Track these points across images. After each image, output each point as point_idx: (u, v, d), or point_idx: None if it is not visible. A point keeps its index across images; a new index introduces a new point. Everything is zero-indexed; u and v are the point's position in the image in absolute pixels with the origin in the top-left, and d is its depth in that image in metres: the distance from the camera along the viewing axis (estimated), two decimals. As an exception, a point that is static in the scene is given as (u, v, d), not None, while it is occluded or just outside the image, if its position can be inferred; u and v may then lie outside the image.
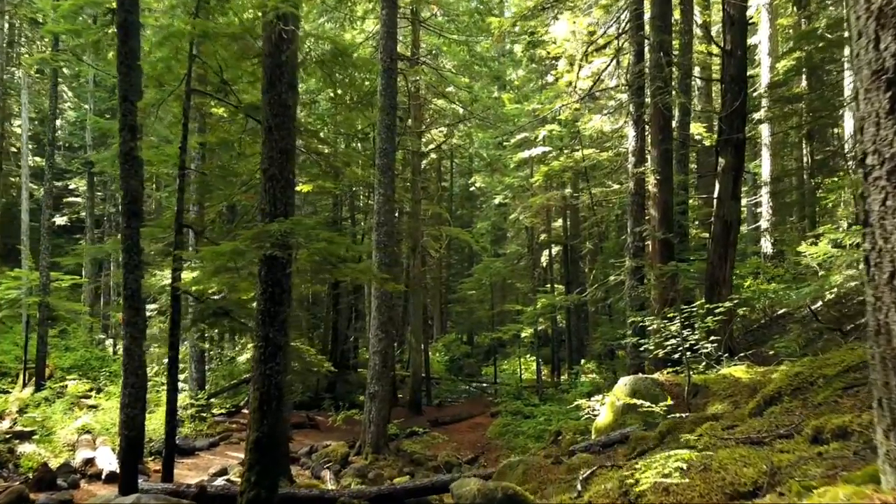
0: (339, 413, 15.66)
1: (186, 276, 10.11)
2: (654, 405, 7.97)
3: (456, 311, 33.49)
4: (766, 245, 21.28)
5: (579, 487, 5.23)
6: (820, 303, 12.94)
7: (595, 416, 9.24)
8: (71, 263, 21.22)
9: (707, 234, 19.53)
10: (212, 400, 18.64)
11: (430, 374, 24.51)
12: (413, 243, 21.30)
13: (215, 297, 9.58)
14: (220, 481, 10.03)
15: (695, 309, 8.09)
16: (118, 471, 11.17)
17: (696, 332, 8.32)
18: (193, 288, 8.50)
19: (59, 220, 31.57)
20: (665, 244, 12.18)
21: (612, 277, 14.02)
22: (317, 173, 11.44)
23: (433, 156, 28.94)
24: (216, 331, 21.05)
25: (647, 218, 13.03)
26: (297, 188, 10.37)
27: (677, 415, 7.00)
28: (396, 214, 25.13)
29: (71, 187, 33.68)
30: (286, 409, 18.32)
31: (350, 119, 14.97)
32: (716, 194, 12.33)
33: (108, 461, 11.15)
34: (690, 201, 18.08)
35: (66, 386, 18.84)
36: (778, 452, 3.66)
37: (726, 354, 9.14)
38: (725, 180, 11.93)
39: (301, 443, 15.90)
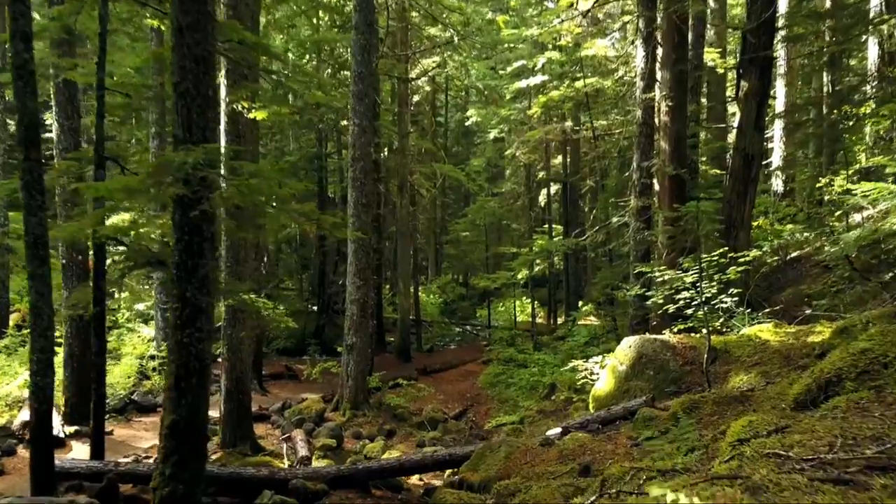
0: (315, 366, 14.52)
1: (118, 218, 8.72)
2: (663, 372, 6.73)
3: (449, 253, 32.15)
4: (777, 183, 19.80)
5: None
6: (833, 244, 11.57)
7: (593, 380, 8.01)
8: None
9: (718, 171, 18.05)
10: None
11: (420, 319, 23.43)
12: (400, 181, 19.79)
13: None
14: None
15: (715, 258, 6.73)
16: (62, 435, 10.11)
17: (713, 283, 7.00)
18: (131, 233, 7.07)
19: None
20: (676, 181, 10.72)
21: (614, 219, 12.61)
22: (281, 98, 9.86)
23: (427, 88, 27.07)
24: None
25: (655, 152, 11.53)
26: (251, 116, 8.83)
27: (694, 390, 5.74)
28: (386, 151, 23.57)
29: None
30: (267, 355, 17.33)
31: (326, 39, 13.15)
32: (736, 123, 10.81)
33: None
34: (701, 134, 16.50)
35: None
36: None
37: (748, 310, 7.83)
38: (748, 107, 10.38)
39: (277, 396, 14.83)
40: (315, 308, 25.49)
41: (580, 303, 24.25)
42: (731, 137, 19.46)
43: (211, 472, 6.89)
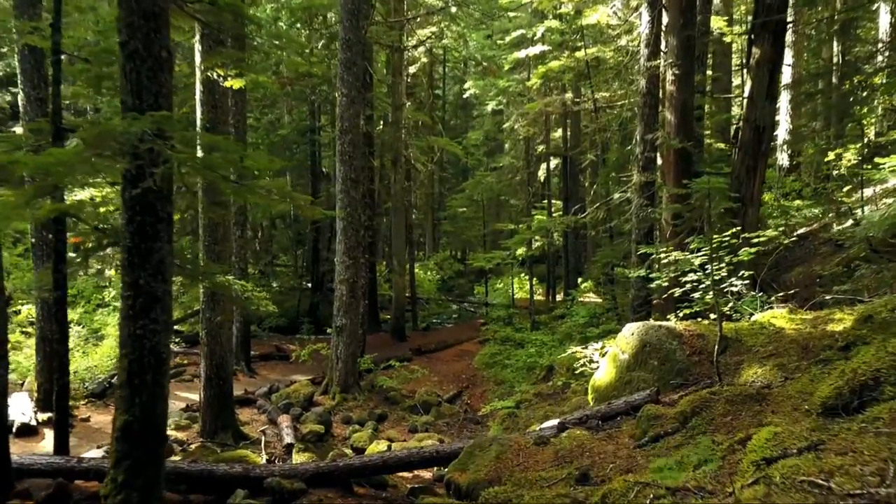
0: (305, 347, 14.03)
1: (86, 193, 8.14)
2: (669, 361, 6.20)
3: (446, 230, 31.53)
4: (783, 158, 19.16)
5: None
6: (853, 223, 11.02)
7: (593, 369, 7.50)
8: None
9: (722, 146, 17.38)
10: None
11: (416, 297, 22.93)
12: (395, 155, 19.12)
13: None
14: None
15: (726, 239, 6.16)
16: (34, 423, 9.64)
17: (722, 266, 6.44)
18: (86, 210, 6.49)
19: None
20: (682, 155, 10.11)
21: (616, 195, 11.98)
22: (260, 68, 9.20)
23: (423, 60, 26.21)
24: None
25: (660, 124, 10.90)
26: (227, 84, 8.20)
27: (703, 383, 5.23)
28: (382, 124, 22.82)
29: None
30: (261, 334, 16.90)
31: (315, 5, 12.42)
32: (746, 93, 10.16)
33: (21, 411, 9.54)
34: (706, 106, 15.80)
35: (20, 311, 17.15)
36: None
37: (759, 293, 7.28)
38: (760, 75, 9.73)
39: (265, 378, 14.37)
40: (309, 285, 24.98)
41: (580, 279, 23.74)
42: (737, 109, 18.75)
43: (181, 468, 6.42)
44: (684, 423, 4.72)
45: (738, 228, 6.36)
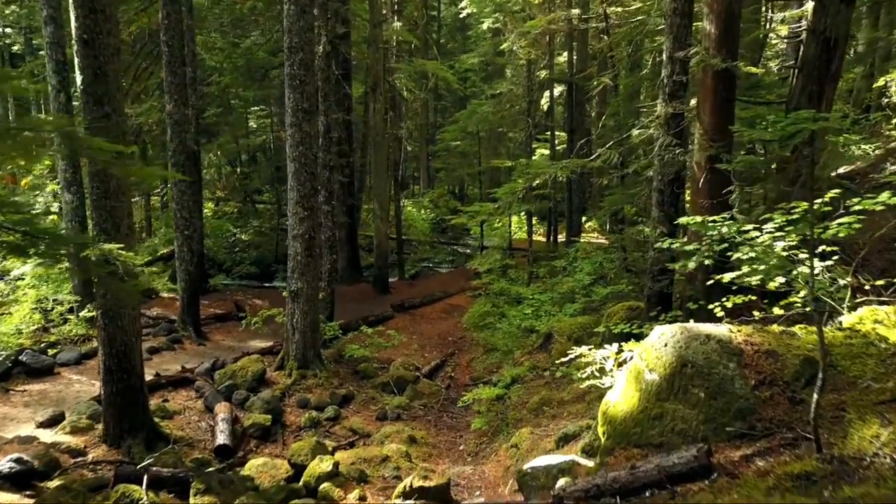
0: (255, 315, 11.99)
1: None
2: (723, 394, 4.11)
3: (436, 166, 28.99)
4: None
5: None
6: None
7: (600, 383, 5.38)
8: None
9: (754, 69, 14.76)
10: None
11: (402, 242, 20.78)
12: (373, 81, 16.54)
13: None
14: (15, 455, 6.43)
15: (818, 206, 3.92)
16: None
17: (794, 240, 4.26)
18: None
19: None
20: (724, 79, 7.70)
21: (635, 132, 9.54)
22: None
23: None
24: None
25: (697, 39, 8.46)
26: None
27: (780, 438, 3.15)
28: (376, 46, 20.05)
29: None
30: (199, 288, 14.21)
31: None
32: (812, -5, 7.67)
33: None
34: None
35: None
36: None
37: (846, 282, 5.06)
38: (835, -32, 7.24)
39: (217, 345, 12.39)
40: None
41: (584, 218, 21.47)
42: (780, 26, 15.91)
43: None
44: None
45: (841, 191, 4.10)
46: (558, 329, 11.29)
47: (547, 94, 23.25)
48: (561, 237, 21.85)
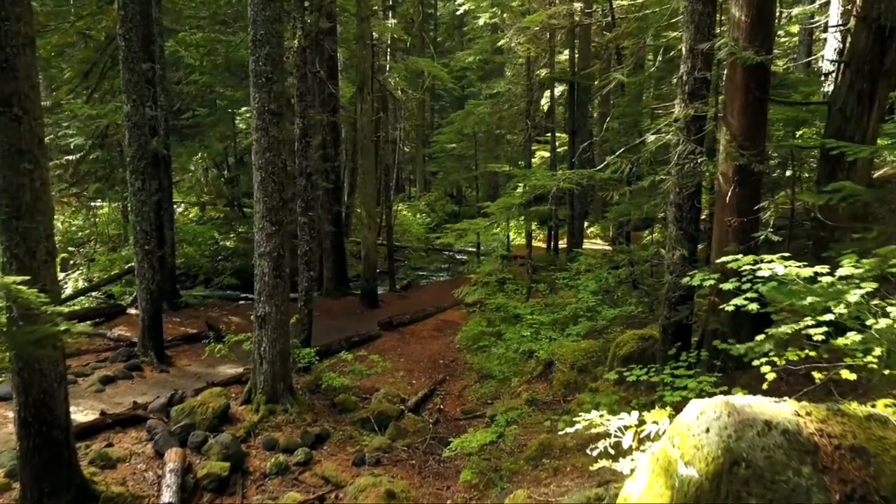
0: (229, 333, 10.83)
1: None
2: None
3: (430, 170, 27.78)
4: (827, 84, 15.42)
5: None
6: None
7: (616, 466, 4.19)
8: None
9: (792, 63, 13.56)
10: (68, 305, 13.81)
11: (393, 252, 19.60)
12: (361, 80, 15.37)
13: None
14: None
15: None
16: None
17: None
18: None
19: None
20: (757, 74, 6.53)
21: (650, 137, 8.35)
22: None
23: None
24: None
25: (725, 28, 7.30)
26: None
27: None
28: (363, 42, 18.85)
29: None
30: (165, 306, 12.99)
31: None
32: (861, -24, 6.50)
33: None
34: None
35: None
36: None
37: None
38: (892, -57, 6.07)
39: (182, 372, 11.20)
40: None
41: (586, 222, 20.32)
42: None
43: None
44: None
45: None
46: (560, 356, 10.14)
47: (547, 93, 22.08)
48: (562, 243, 20.70)
